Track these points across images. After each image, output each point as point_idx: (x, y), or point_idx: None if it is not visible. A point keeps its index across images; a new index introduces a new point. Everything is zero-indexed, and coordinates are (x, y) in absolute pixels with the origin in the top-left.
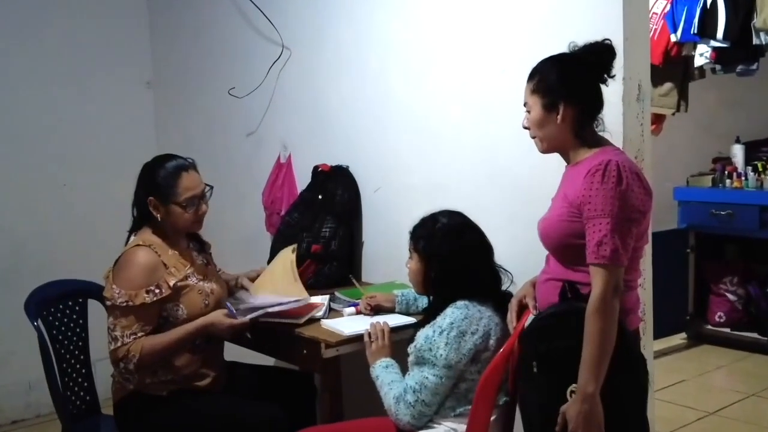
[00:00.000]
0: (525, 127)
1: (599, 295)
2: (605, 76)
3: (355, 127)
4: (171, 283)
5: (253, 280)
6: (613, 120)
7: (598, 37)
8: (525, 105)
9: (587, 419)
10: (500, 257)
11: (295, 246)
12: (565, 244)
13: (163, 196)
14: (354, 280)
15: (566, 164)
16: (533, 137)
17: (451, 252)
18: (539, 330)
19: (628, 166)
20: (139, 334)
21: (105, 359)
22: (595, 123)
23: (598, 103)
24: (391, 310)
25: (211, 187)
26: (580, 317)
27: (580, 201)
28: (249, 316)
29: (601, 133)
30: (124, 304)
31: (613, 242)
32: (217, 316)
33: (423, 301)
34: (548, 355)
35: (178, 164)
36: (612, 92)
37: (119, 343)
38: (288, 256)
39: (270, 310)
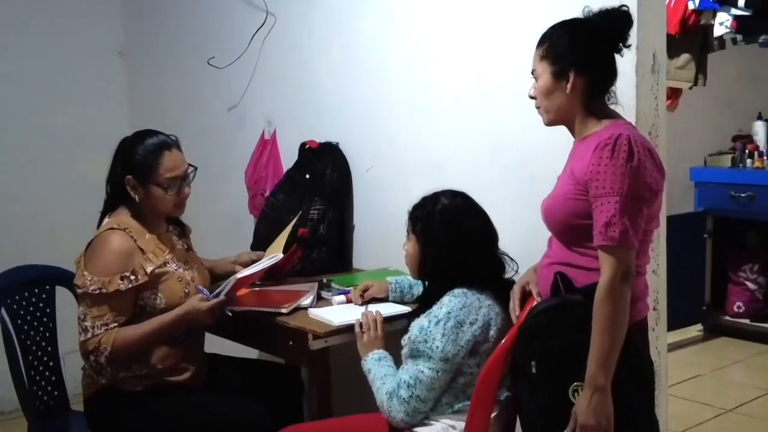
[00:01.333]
0: (531, 97)
1: (608, 281)
2: (620, 45)
3: (346, 100)
4: (148, 270)
5: (247, 265)
6: (625, 92)
7: (614, 3)
8: (533, 72)
9: (597, 413)
10: (502, 241)
11: (298, 214)
12: (569, 224)
13: (143, 176)
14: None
15: (574, 139)
16: (538, 107)
17: (450, 238)
18: (531, 328)
19: (640, 141)
20: (112, 325)
21: (75, 352)
22: (606, 96)
23: (610, 74)
24: (384, 299)
25: (195, 168)
26: (575, 311)
27: (587, 178)
28: (223, 292)
29: (612, 107)
30: (97, 291)
31: (623, 223)
32: (192, 303)
33: (418, 289)
34: (545, 354)
35: (161, 141)
36: (625, 62)
37: (89, 335)
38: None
39: (240, 275)
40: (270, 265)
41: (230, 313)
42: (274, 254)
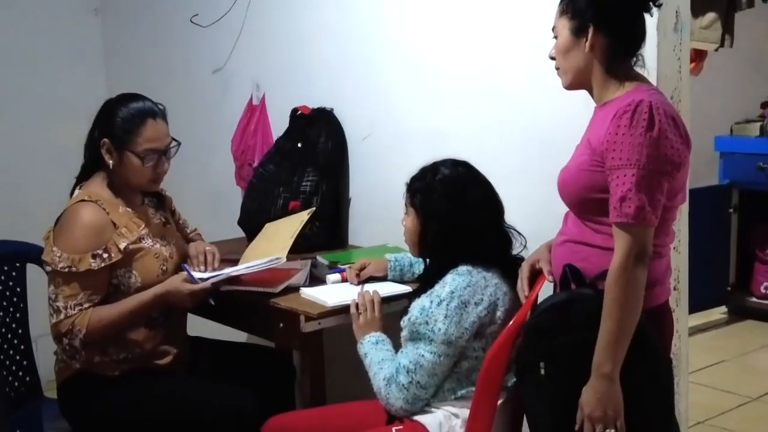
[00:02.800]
0: (551, 57)
1: (620, 261)
2: (649, 3)
3: (341, 62)
4: (121, 246)
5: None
6: (645, 53)
7: None
8: (553, 30)
9: (603, 402)
10: (510, 216)
11: (313, 210)
12: (584, 198)
13: (119, 141)
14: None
15: (595, 105)
16: (558, 69)
17: (452, 210)
18: (538, 327)
19: (663, 108)
20: (86, 305)
21: (47, 335)
22: (633, 59)
23: (636, 34)
24: (383, 278)
25: (178, 144)
26: (586, 306)
27: (603, 148)
28: (211, 280)
29: (639, 71)
30: (66, 269)
31: (639, 198)
32: (174, 283)
33: (419, 267)
34: (554, 355)
35: (146, 108)
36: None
37: (62, 316)
38: (302, 216)
39: (234, 273)
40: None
41: (213, 303)
42: (277, 256)
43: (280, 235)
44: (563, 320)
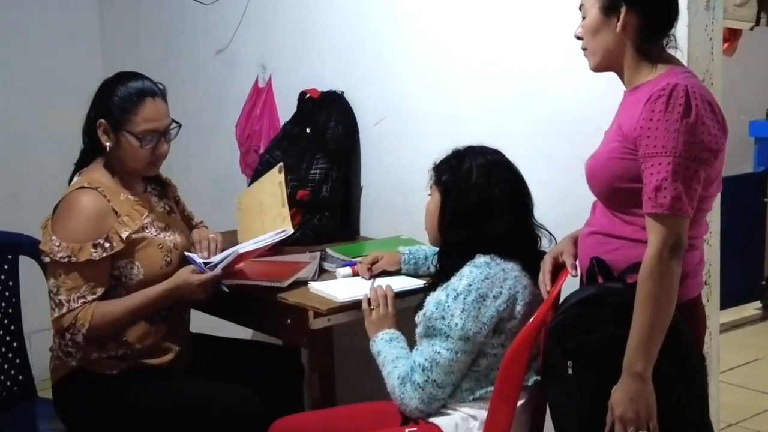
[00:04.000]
0: (577, 37)
1: (655, 253)
2: None
3: (352, 42)
4: (123, 236)
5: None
6: (676, 33)
7: None
8: (580, 8)
9: (635, 402)
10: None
11: (281, 165)
12: (614, 187)
13: (116, 121)
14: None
15: (625, 89)
16: (585, 49)
17: (478, 196)
18: (564, 323)
19: (699, 92)
20: (90, 298)
21: (41, 331)
22: (665, 39)
23: (670, 13)
24: (396, 272)
25: (179, 125)
26: (616, 300)
27: (636, 134)
28: (220, 266)
29: (671, 52)
30: (66, 259)
31: (675, 187)
32: (183, 276)
33: (435, 260)
34: (580, 353)
35: (144, 87)
36: None
37: (64, 309)
38: (275, 177)
39: (242, 250)
40: (275, 242)
41: (227, 289)
42: (283, 228)
43: (267, 206)
44: (592, 316)
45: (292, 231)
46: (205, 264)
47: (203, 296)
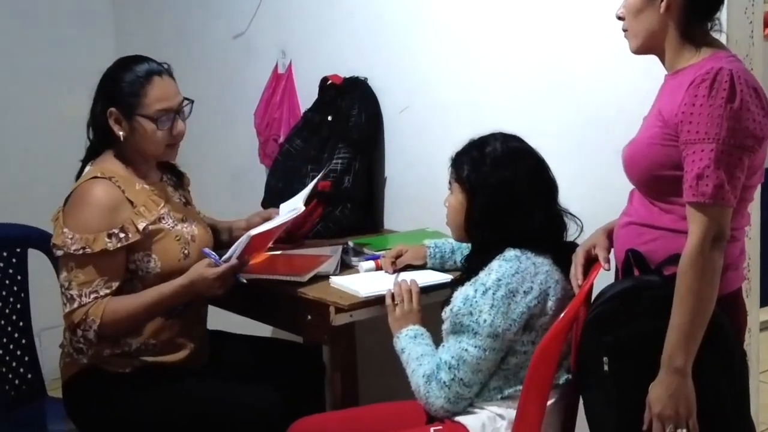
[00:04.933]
0: (619, 17)
1: (696, 244)
2: None
3: (375, 26)
4: (140, 227)
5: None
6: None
7: None
8: None
9: (674, 399)
10: (562, 197)
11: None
12: (654, 175)
13: (128, 107)
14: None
15: (665, 73)
16: (625, 31)
17: (500, 186)
18: (600, 318)
19: (745, 77)
20: (102, 292)
21: (51, 328)
22: (709, 23)
23: None
24: (421, 266)
25: (191, 102)
26: (654, 294)
27: (678, 120)
28: (235, 254)
29: (715, 36)
30: (80, 251)
31: (718, 175)
32: (198, 270)
33: (462, 254)
34: (617, 349)
35: (150, 68)
36: None
37: (76, 305)
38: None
39: (254, 232)
40: (289, 222)
41: (245, 280)
42: (295, 206)
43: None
44: (629, 310)
45: (303, 208)
46: (219, 257)
47: (221, 291)
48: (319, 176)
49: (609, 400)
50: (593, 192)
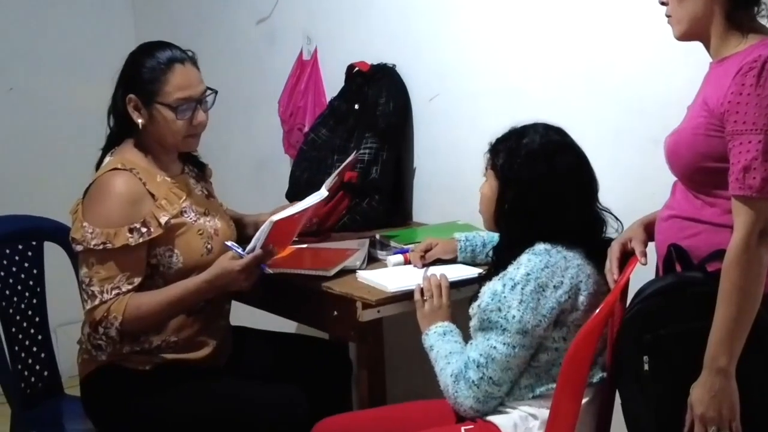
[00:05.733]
0: (662, 2)
1: (742, 239)
2: None
3: (404, 11)
4: (162, 221)
5: None
6: None
7: None
8: None
9: (717, 400)
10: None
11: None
12: (698, 167)
13: (147, 93)
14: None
15: (710, 60)
16: (669, 17)
17: (536, 177)
18: (640, 316)
19: None
20: (125, 288)
21: (69, 324)
22: (756, 8)
23: None
24: (451, 261)
25: (215, 92)
26: (696, 291)
27: (723, 109)
28: (258, 243)
29: (762, 22)
30: (101, 246)
31: (766, 167)
32: (222, 263)
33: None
34: (658, 348)
35: (173, 55)
36: None
37: (97, 301)
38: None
39: (276, 218)
40: (313, 209)
41: (270, 271)
42: (317, 191)
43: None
44: (671, 308)
45: (327, 194)
46: (243, 249)
47: (246, 283)
48: (345, 162)
49: (649, 401)
50: (628, 182)
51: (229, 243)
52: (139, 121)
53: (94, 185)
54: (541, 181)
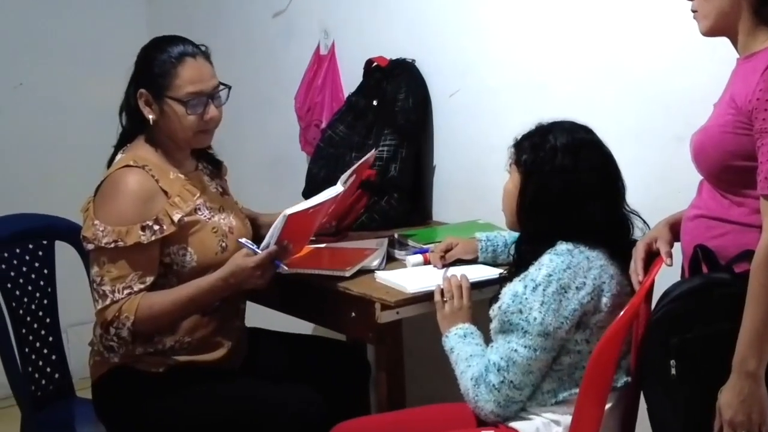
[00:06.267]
0: None
1: None
2: None
3: (424, 5)
4: (175, 218)
5: None
6: None
7: None
8: None
9: (747, 404)
10: None
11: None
12: (725, 165)
13: (157, 87)
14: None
15: (737, 56)
16: (694, 11)
17: (562, 176)
18: (666, 318)
19: None
20: (137, 287)
21: (80, 324)
22: None
23: None
24: (472, 261)
25: (228, 87)
26: (724, 292)
27: (751, 107)
28: (272, 240)
29: None
30: (112, 245)
31: None
32: (236, 261)
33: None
34: (686, 351)
35: (184, 49)
36: None
37: (108, 301)
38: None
39: (290, 212)
40: (329, 203)
41: (286, 267)
42: (333, 186)
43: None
44: (699, 310)
45: (342, 189)
46: (259, 247)
47: (262, 280)
48: (363, 159)
49: (676, 406)
50: (652, 180)
51: (242, 240)
52: (150, 116)
53: (106, 182)
54: (564, 174)
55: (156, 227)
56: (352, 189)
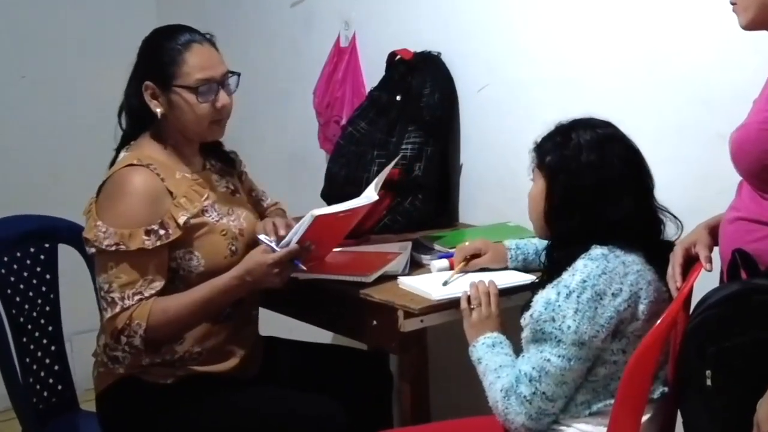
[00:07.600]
0: None
1: None
2: None
3: None
4: (180, 221)
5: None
6: None
7: None
8: None
9: None
10: (659, 188)
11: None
12: (765, 165)
13: (164, 77)
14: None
15: None
16: (734, 4)
17: (589, 177)
18: (703, 327)
19: None
20: (147, 293)
21: (85, 332)
22: None
23: None
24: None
25: (237, 75)
26: (764, 298)
27: None
28: (295, 237)
29: None
30: (113, 248)
31: None
32: (253, 257)
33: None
34: (723, 361)
35: (191, 36)
36: None
37: (118, 308)
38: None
39: (318, 213)
40: (361, 212)
41: (304, 268)
42: (367, 194)
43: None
44: (736, 318)
45: (377, 197)
46: (278, 245)
47: (278, 280)
48: (391, 164)
49: (713, 418)
50: (692, 180)
51: (261, 236)
52: (158, 110)
53: (109, 182)
54: (590, 170)
55: (161, 231)
56: (374, 206)
